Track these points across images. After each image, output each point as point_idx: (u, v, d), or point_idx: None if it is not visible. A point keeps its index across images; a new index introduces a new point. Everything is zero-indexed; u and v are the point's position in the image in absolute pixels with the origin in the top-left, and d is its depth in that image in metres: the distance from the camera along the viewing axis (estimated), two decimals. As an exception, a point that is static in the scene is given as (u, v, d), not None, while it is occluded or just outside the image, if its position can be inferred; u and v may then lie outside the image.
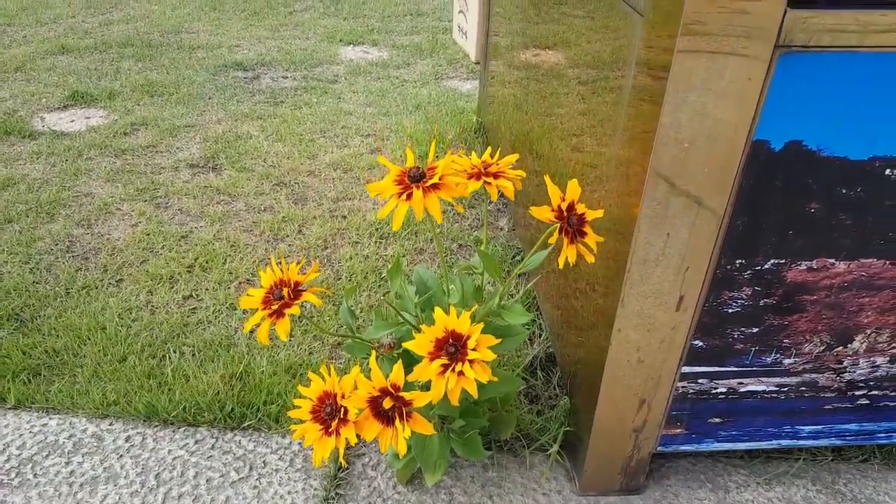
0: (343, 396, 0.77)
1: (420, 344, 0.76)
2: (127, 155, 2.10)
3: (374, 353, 0.91)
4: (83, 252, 1.65)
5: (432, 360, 0.75)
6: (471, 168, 0.94)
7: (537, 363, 1.35)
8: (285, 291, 0.85)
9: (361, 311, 1.48)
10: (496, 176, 0.92)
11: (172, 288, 1.53)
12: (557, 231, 0.80)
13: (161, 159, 2.09)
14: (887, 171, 0.77)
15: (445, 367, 0.74)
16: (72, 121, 2.32)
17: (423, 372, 0.75)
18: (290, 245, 1.72)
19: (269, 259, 1.66)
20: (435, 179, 0.78)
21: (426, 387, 0.76)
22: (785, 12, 0.66)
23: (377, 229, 1.79)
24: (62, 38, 3.10)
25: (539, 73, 1.43)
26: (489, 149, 1.01)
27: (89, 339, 1.36)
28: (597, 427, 0.99)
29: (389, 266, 1.30)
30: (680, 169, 0.74)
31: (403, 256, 1.69)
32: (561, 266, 0.80)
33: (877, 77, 0.70)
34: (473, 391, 0.74)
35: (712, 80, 0.69)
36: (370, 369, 0.78)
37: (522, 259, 1.72)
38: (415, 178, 0.80)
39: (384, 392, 0.76)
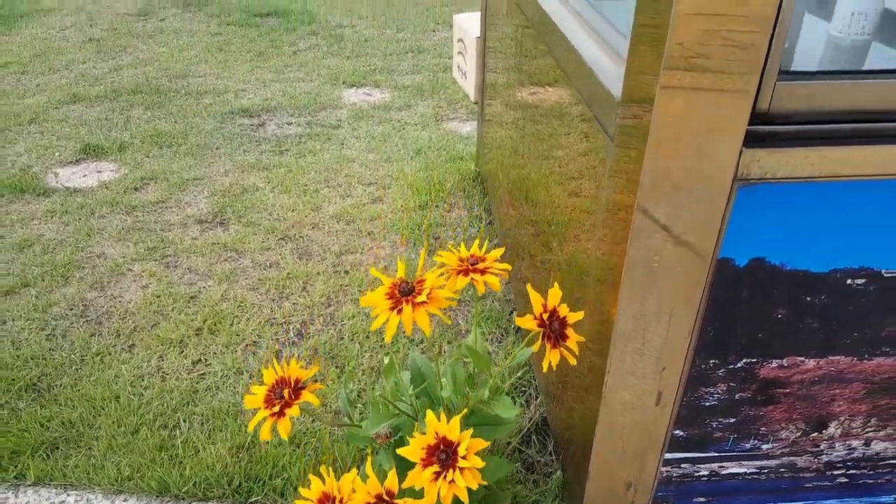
0: (341, 501, 0.83)
1: (412, 451, 0.81)
2: (137, 211, 2.17)
3: (369, 458, 0.96)
4: (97, 316, 1.71)
5: (425, 467, 0.80)
6: (459, 264, 1.00)
7: (532, 427, 1.40)
8: (286, 392, 0.91)
9: (363, 374, 1.53)
10: (483, 272, 0.98)
11: (182, 352, 1.60)
12: (540, 338, 0.86)
13: (170, 215, 2.16)
14: (848, 281, 0.82)
15: (437, 473, 0.80)
16: (84, 175, 2.40)
17: (416, 479, 0.80)
18: (294, 303, 1.78)
19: (275, 318, 1.73)
20: (423, 297, 0.84)
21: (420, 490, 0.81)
22: (741, 152, 0.71)
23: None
24: (74, 86, 3.20)
25: (537, 113, 1.47)
26: (477, 241, 1.07)
27: (103, 410, 1.42)
28: (586, 506, 1.04)
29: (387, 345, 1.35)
30: (652, 287, 0.79)
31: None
32: (545, 370, 0.85)
33: (830, 202, 0.76)
34: (464, 497, 0.79)
35: (679, 211, 0.74)
36: (366, 475, 0.83)
37: (516, 313, 1.77)
38: (404, 293, 0.86)
39: (379, 498, 0.82)
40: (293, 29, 4.20)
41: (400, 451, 0.83)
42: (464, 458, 0.79)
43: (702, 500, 1.04)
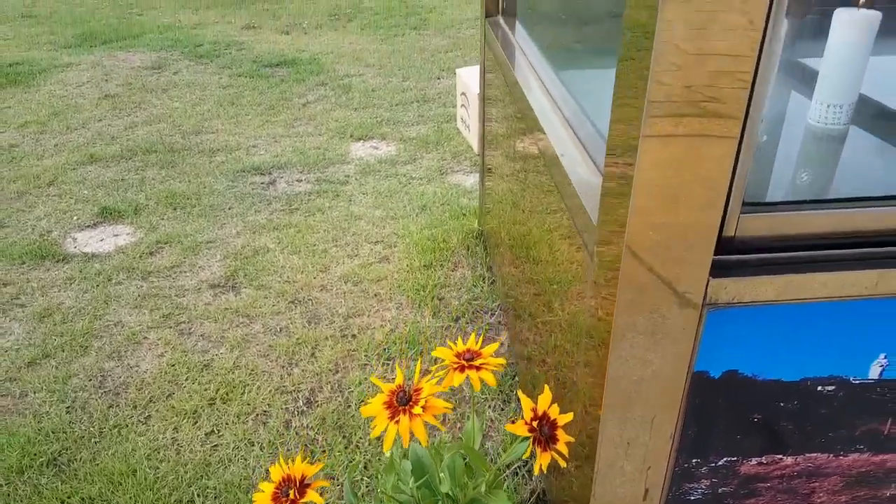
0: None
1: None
2: (153, 277, 2.25)
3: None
4: (114, 387, 1.78)
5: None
6: (455, 361, 1.06)
7: (535, 500, 1.44)
8: (291, 493, 0.97)
9: (370, 445, 1.58)
10: (479, 368, 1.04)
11: (196, 423, 1.66)
12: (531, 443, 0.91)
13: (185, 280, 2.24)
14: (819, 388, 0.87)
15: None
16: (101, 240, 2.49)
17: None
18: (303, 370, 1.84)
19: (285, 386, 1.79)
20: (418, 410, 0.90)
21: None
22: (708, 281, 0.77)
23: (384, 350, 1.91)
24: (90, 146, 3.32)
25: (539, 164, 1.52)
26: (473, 335, 1.13)
27: (121, 485, 1.48)
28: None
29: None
30: (633, 399, 0.85)
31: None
32: (536, 473, 0.91)
33: (797, 320, 0.81)
34: None
35: (654, 332, 0.80)
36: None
37: (518, 379, 1.82)
38: (402, 402, 0.92)
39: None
40: (302, 80, 4.32)
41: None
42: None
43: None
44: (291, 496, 0.96)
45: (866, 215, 0.80)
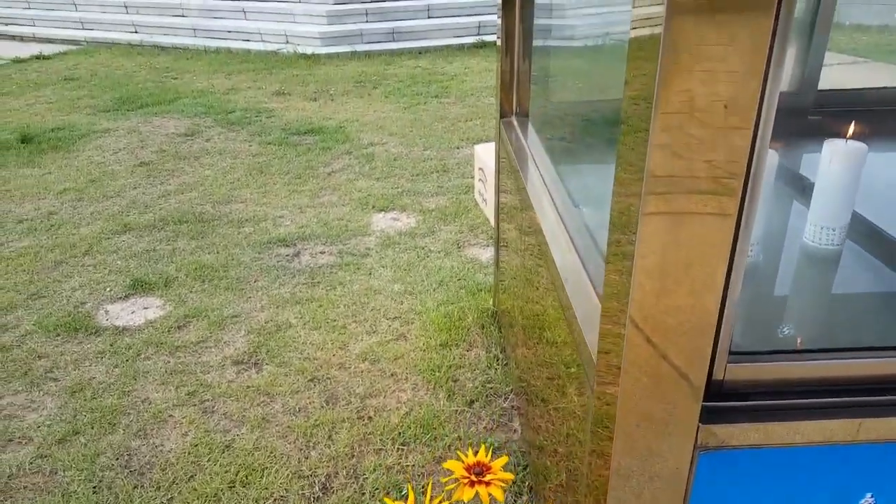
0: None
1: None
2: (180, 352, 2.35)
3: None
4: (139, 467, 1.86)
5: None
6: (464, 475, 1.12)
7: None
8: None
9: (383, 535, 1.63)
10: (488, 483, 1.10)
11: (216, 507, 1.72)
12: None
13: (209, 356, 2.33)
14: (808, 522, 0.91)
15: None
16: (132, 312, 2.61)
17: None
18: (320, 454, 1.90)
19: (302, 470, 1.84)
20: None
21: None
22: (698, 428, 0.83)
23: (400, 434, 1.97)
24: (125, 215, 3.48)
25: (547, 270, 1.57)
26: (483, 447, 1.19)
27: (143, 571, 1.54)
28: None
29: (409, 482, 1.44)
30: (628, 529, 0.90)
31: (423, 467, 1.85)
32: None
33: (785, 462, 0.87)
34: None
35: (651, 481, 0.86)
36: None
37: (530, 469, 1.86)
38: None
39: None
40: (328, 148, 4.50)
41: None
42: None
43: None
44: None
45: (847, 365, 0.86)
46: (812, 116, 2.03)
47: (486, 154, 3.46)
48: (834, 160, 1.27)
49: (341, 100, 5.72)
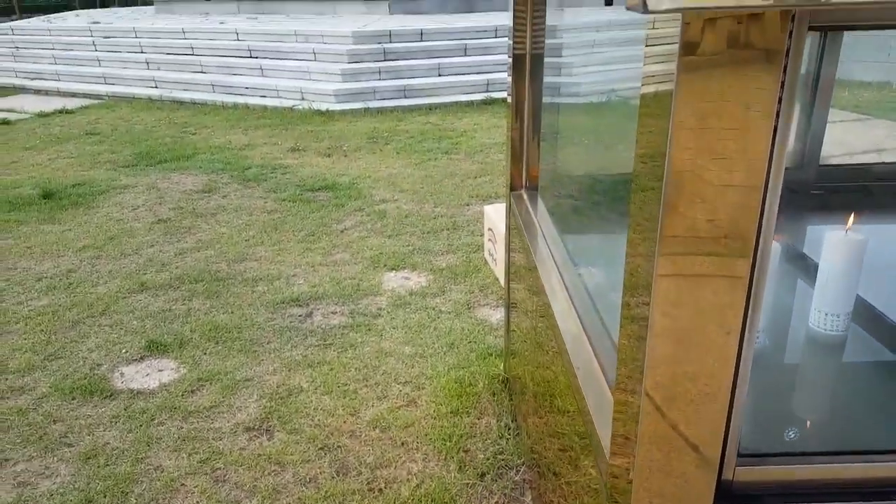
0: None
1: None
2: (192, 418, 2.37)
3: None
4: (150, 539, 1.86)
5: None
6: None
7: None
8: None
9: None
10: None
11: (226, 583, 1.72)
12: None
13: (222, 422, 2.35)
14: None
15: None
16: (147, 374, 2.64)
17: None
18: (331, 526, 1.90)
19: (312, 543, 1.84)
20: None
21: None
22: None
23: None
24: (142, 273, 3.55)
25: (557, 347, 1.59)
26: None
27: None
28: None
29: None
30: None
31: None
32: None
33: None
34: None
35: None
36: None
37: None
38: None
39: None
40: (341, 205, 4.58)
41: None
42: None
43: None
44: None
45: (856, 468, 0.88)
46: (815, 192, 2.08)
47: (495, 214, 3.52)
48: (835, 252, 1.31)
49: (354, 155, 5.85)
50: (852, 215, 1.34)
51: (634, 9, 0.66)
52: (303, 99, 7.67)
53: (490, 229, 3.59)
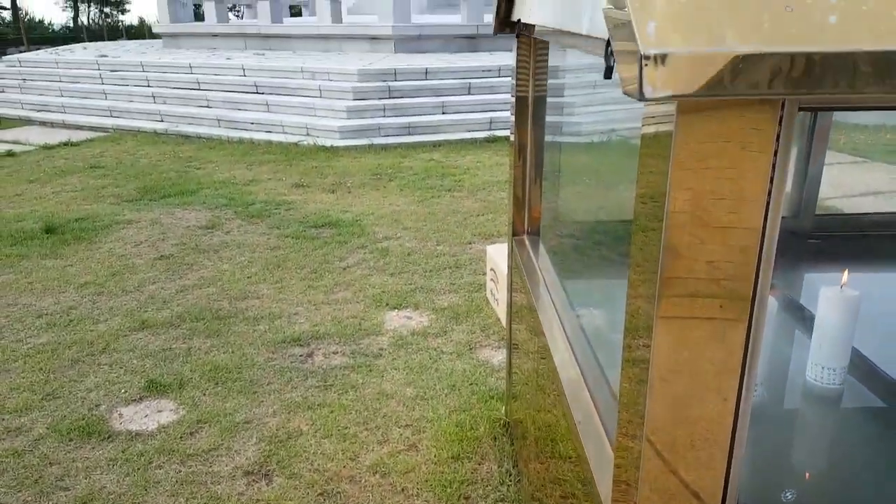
0: None
1: None
2: (191, 461, 2.34)
3: None
4: (145, 589, 1.83)
5: None
6: None
7: None
8: None
9: None
10: None
11: None
12: None
13: (220, 465, 2.32)
14: None
15: None
16: (146, 416, 2.62)
17: None
18: (329, 577, 1.86)
19: None
20: None
21: None
22: None
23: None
24: (143, 311, 3.54)
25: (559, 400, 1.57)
26: None
27: None
28: None
29: None
30: None
31: None
32: None
33: None
34: None
35: None
36: None
37: None
38: None
39: None
40: (344, 242, 4.60)
41: None
42: None
43: None
44: None
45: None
46: (812, 241, 2.09)
47: (497, 255, 3.53)
48: (830, 308, 1.32)
49: (358, 192, 5.89)
50: (846, 272, 1.34)
51: (631, 94, 0.67)
52: (308, 135, 7.75)
53: (492, 269, 3.60)
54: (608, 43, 0.81)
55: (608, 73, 0.86)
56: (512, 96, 2.15)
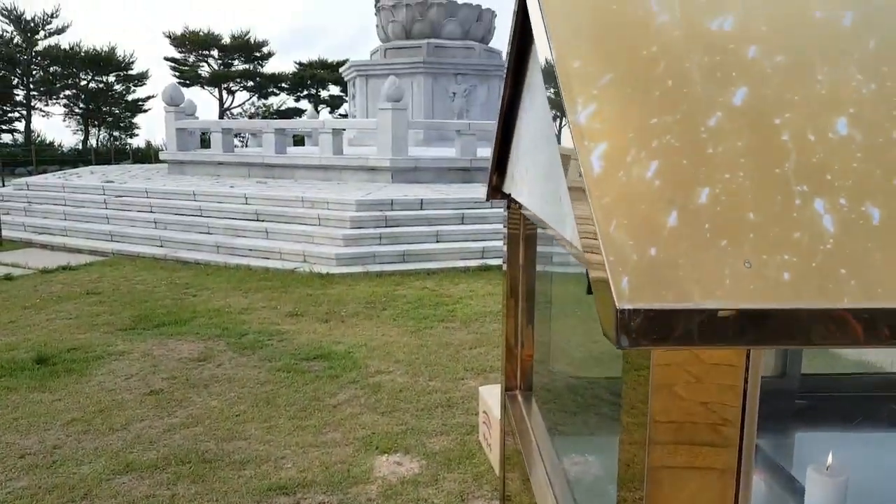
0: None
1: None
2: None
3: None
4: None
5: None
6: None
7: None
8: None
9: None
10: None
11: None
12: None
13: None
14: None
15: None
16: (122, 575, 2.50)
17: None
18: None
19: None
20: None
21: None
22: None
23: None
24: (128, 452, 3.46)
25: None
26: None
27: None
28: None
29: None
30: None
31: None
32: None
33: None
34: None
35: None
36: None
37: None
38: None
39: None
40: (336, 376, 4.58)
41: None
42: None
43: None
44: None
45: None
46: (799, 401, 2.12)
47: (490, 397, 3.52)
48: (817, 491, 1.33)
49: (351, 321, 5.93)
50: (830, 455, 1.37)
51: (609, 339, 0.74)
52: (304, 261, 7.91)
53: (485, 412, 3.57)
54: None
55: (590, 290, 0.93)
56: (504, 227, 2.20)
